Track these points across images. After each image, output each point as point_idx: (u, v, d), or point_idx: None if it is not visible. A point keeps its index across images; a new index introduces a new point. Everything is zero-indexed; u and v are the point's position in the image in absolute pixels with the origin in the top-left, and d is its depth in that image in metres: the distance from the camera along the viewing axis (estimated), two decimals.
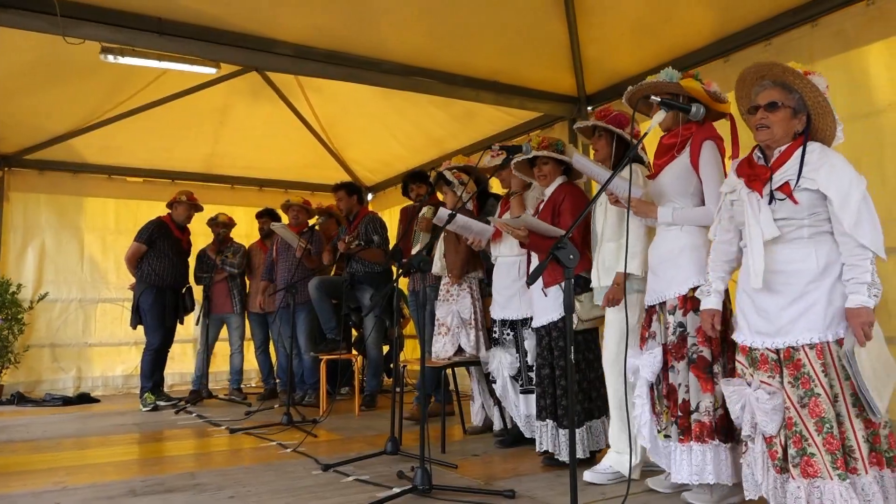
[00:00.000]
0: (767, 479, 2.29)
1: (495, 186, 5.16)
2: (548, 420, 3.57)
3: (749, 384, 2.35)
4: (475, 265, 4.58)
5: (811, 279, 2.25)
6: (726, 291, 2.65)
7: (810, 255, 2.26)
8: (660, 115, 2.70)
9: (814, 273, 2.25)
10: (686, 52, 4.60)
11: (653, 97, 2.71)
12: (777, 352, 2.30)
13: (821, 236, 2.26)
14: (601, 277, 3.30)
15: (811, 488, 2.16)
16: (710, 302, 2.56)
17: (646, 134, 2.66)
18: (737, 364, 2.47)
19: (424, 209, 4.91)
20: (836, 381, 2.20)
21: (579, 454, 3.43)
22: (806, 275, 2.26)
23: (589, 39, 4.88)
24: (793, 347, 2.25)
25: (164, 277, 6.23)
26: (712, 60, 4.48)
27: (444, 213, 3.97)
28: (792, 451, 2.21)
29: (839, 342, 2.21)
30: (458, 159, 4.61)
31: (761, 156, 2.43)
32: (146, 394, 6.17)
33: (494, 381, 4.12)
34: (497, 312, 4.11)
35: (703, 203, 2.82)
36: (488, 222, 4.15)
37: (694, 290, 2.76)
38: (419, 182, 5.24)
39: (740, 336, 2.45)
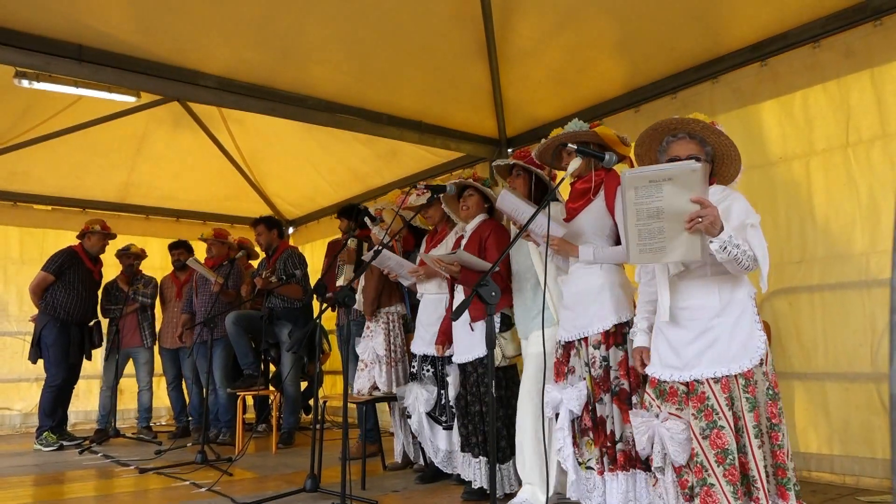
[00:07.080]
0: None
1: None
2: (481, 457, 3.59)
3: (657, 416, 2.46)
4: (391, 299, 4.57)
5: (714, 314, 2.38)
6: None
7: (713, 291, 2.40)
8: (576, 162, 2.86)
9: (716, 309, 2.38)
10: (600, 102, 4.89)
11: (570, 144, 2.87)
12: (686, 384, 2.41)
13: (724, 274, 2.39)
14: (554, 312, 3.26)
15: None
16: (639, 340, 2.67)
17: (564, 178, 2.82)
18: (645, 396, 2.57)
19: (350, 241, 4.94)
20: (741, 413, 2.32)
21: (512, 488, 3.50)
22: (709, 310, 2.39)
23: (510, 85, 5.08)
24: (697, 381, 2.36)
25: (70, 312, 5.96)
26: (624, 111, 4.77)
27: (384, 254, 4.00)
28: (693, 480, 2.32)
29: (744, 375, 2.32)
30: (391, 196, 4.68)
31: None
32: (45, 433, 5.85)
33: (409, 417, 4.14)
34: (419, 348, 4.14)
35: (618, 243, 2.98)
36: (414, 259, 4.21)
37: (616, 326, 2.90)
38: (343, 217, 5.26)
39: (651, 369, 2.55)
